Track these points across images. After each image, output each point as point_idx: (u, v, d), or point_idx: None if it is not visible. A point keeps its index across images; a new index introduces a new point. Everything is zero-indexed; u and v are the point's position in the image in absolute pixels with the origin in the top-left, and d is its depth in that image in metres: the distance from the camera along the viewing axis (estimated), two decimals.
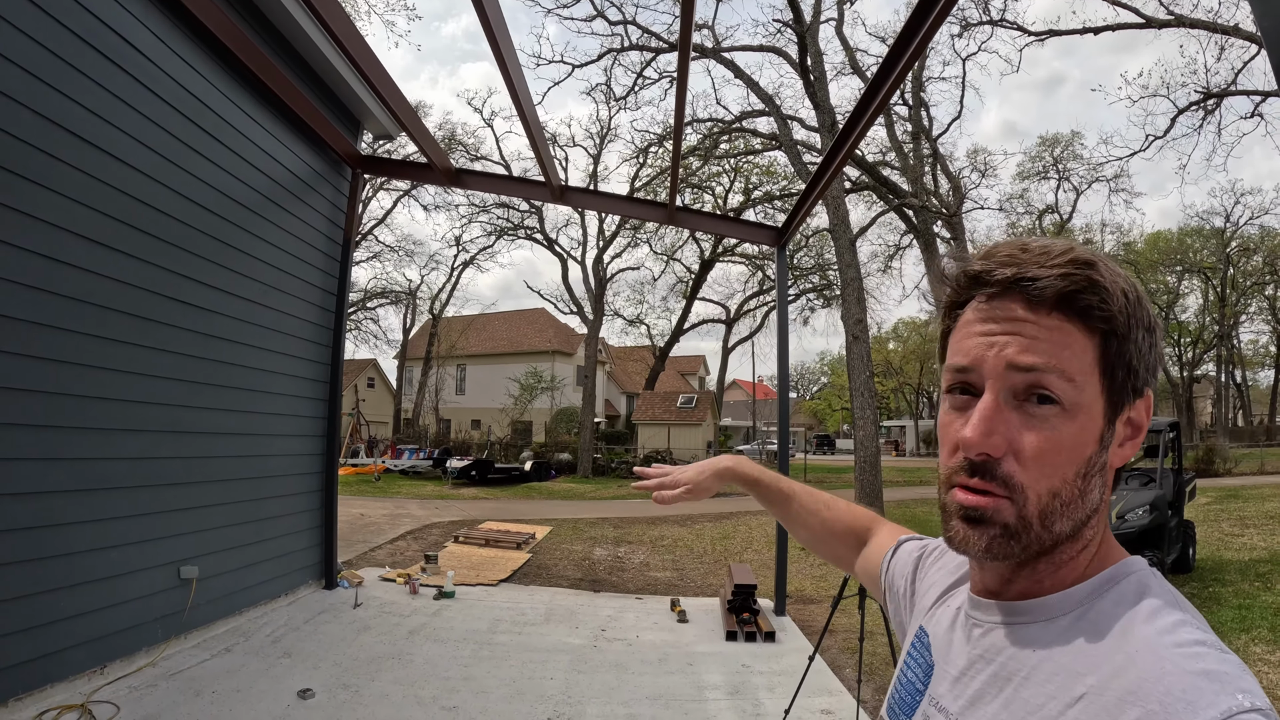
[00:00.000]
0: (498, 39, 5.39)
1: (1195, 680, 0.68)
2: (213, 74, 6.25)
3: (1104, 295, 0.80)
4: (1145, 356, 0.84)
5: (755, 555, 13.16)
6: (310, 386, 8.22)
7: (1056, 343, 0.81)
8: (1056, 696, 0.76)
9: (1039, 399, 0.81)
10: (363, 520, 15.33)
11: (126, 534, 5.42)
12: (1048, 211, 36.47)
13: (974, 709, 0.85)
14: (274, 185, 7.30)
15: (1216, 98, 20.65)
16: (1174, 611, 0.78)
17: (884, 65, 5.39)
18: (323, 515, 8.42)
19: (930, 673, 0.97)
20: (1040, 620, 0.85)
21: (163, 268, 5.75)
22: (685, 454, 36.79)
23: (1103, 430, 0.83)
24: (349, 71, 7.96)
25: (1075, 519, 0.83)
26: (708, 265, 40.05)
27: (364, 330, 42.79)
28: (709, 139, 23.38)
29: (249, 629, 6.65)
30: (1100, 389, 0.82)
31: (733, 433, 62.31)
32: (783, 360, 8.90)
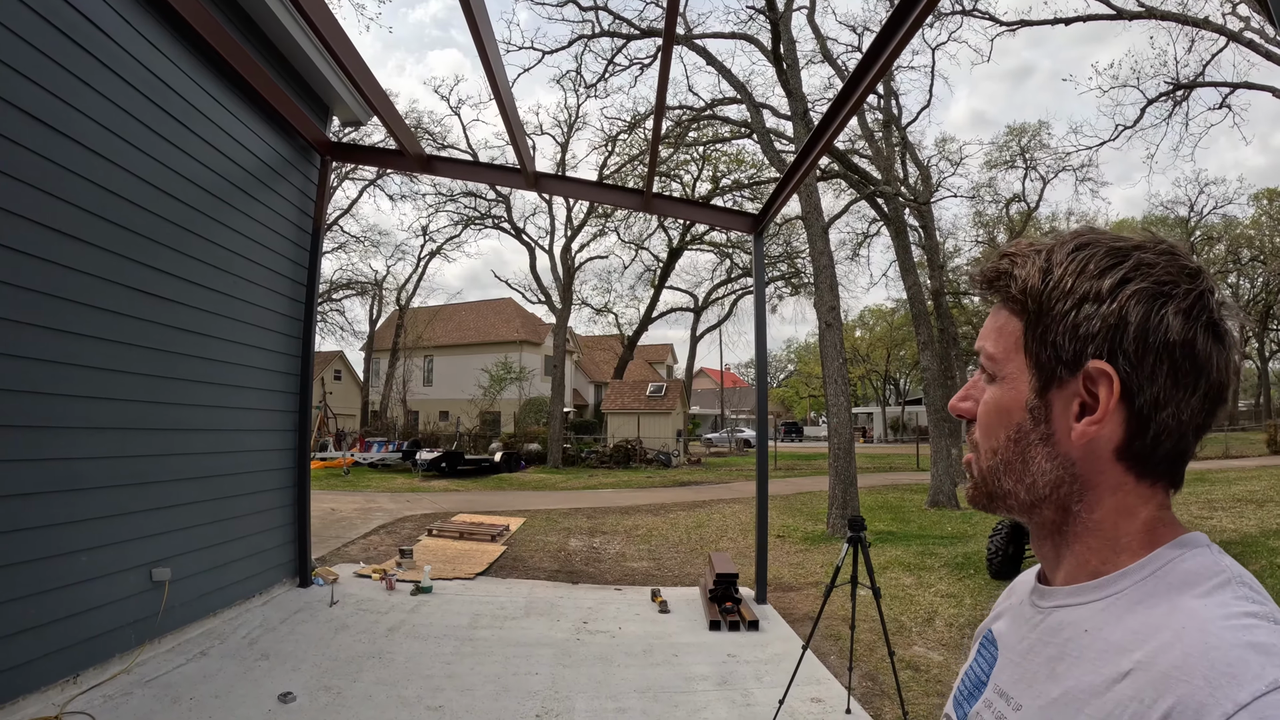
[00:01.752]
0: (476, 19, 5.25)
1: (1242, 653, 0.67)
2: (179, 57, 6.02)
3: (1010, 280, 0.90)
4: (1080, 327, 0.83)
5: (730, 544, 13.18)
6: (280, 379, 8.02)
7: (995, 328, 0.93)
8: (1105, 673, 0.76)
9: (987, 375, 0.94)
10: (334, 515, 15.12)
11: (97, 536, 5.21)
12: (1015, 200, 36.79)
13: (1031, 689, 0.87)
14: (242, 173, 7.08)
15: (1185, 89, 20.88)
16: (1229, 586, 0.77)
17: (863, 61, 5.46)
18: (295, 511, 8.23)
19: (994, 663, 0.99)
20: (1092, 600, 0.85)
21: (129, 258, 5.54)
22: (655, 443, 36.77)
23: (1029, 400, 0.88)
24: (318, 55, 7.74)
25: (1023, 482, 0.89)
26: (676, 254, 40.07)
27: (330, 322, 42.47)
28: (679, 126, 23.27)
29: (224, 631, 6.47)
30: (1025, 364, 0.89)
31: (701, 421, 62.47)
32: (760, 345, 8.88)
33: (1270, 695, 0.63)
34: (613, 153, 28.68)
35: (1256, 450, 31.96)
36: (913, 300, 20.87)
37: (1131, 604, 0.80)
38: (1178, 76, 20.82)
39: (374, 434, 37.09)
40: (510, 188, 28.68)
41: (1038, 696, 0.85)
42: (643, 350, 57.22)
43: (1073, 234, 0.89)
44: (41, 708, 4.59)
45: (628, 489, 24.03)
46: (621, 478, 28.01)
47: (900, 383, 69.93)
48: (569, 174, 32.13)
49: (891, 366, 62.17)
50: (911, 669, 6.37)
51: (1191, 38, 19.17)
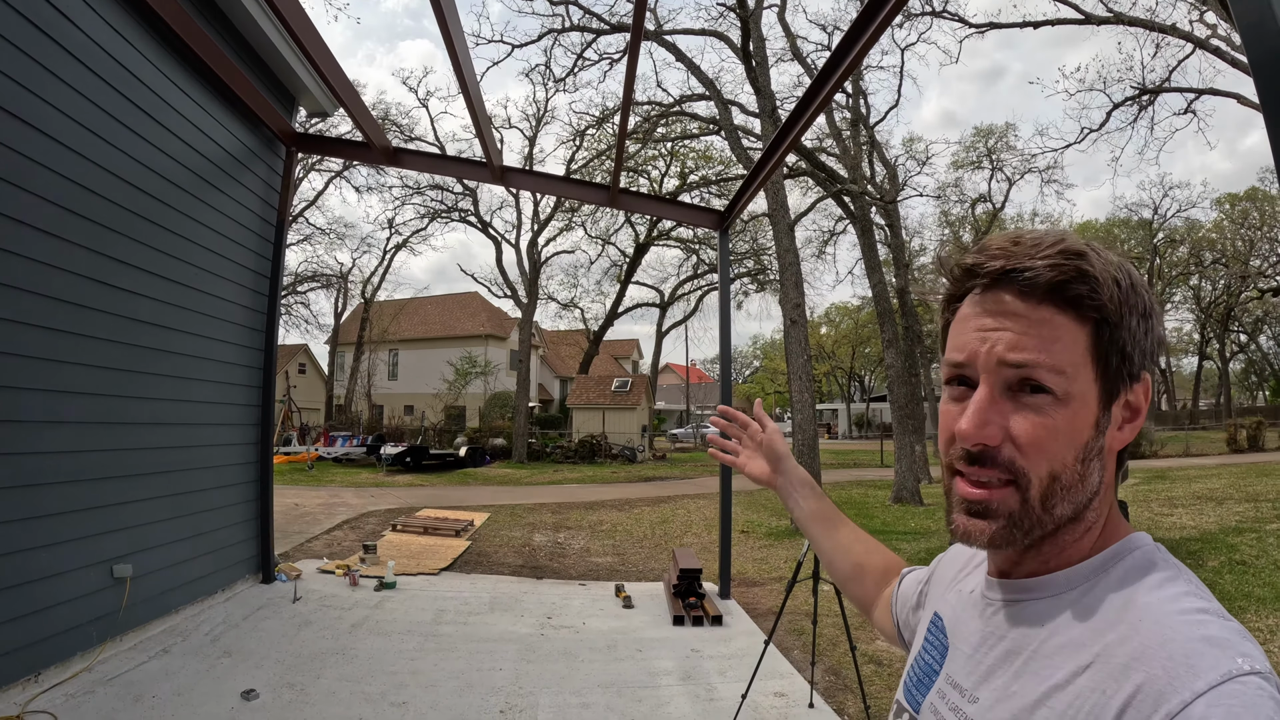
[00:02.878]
0: (444, 12, 5.23)
1: (1197, 645, 0.71)
2: (145, 45, 5.92)
3: (1094, 285, 0.82)
4: (1141, 342, 0.86)
5: (695, 539, 13.22)
6: (243, 373, 7.94)
7: (1046, 336, 0.83)
8: (1064, 666, 0.79)
9: (1031, 389, 0.84)
10: (297, 510, 14.99)
11: (56, 532, 5.13)
12: (980, 200, 37.16)
13: (987, 682, 0.88)
14: (206, 163, 6.98)
15: (1151, 94, 21.16)
16: (1177, 582, 0.81)
17: (832, 58, 5.48)
18: (258, 506, 8.15)
19: (945, 653, 1.00)
20: (1048, 596, 0.87)
21: (94, 250, 5.44)
22: (620, 438, 36.76)
23: (1098, 416, 0.85)
24: (284, 44, 7.65)
25: (1075, 502, 0.86)
26: (643, 249, 40.09)
27: (295, 315, 41.92)
28: (648, 122, 23.28)
29: (186, 628, 6.40)
30: (1094, 376, 0.84)
31: (666, 416, 62.55)
32: (725, 341, 8.92)
33: (1224, 685, 0.67)
34: (580, 147, 28.71)
35: (1216, 449, 32.57)
36: (878, 298, 21.04)
37: (1088, 599, 0.83)
38: (1144, 81, 21.10)
39: (338, 428, 36.77)
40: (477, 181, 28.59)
41: (995, 690, 0.86)
42: (608, 345, 57.15)
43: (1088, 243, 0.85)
44: (3, 708, 4.52)
45: (593, 484, 24.04)
46: (586, 473, 28.02)
47: (865, 380, 70.44)
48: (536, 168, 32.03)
49: (856, 363, 62.74)
50: (874, 663, 6.44)
51: (1158, 43, 19.45)
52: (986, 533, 0.87)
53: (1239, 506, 14.59)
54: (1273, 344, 59.49)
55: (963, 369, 0.88)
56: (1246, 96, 19.90)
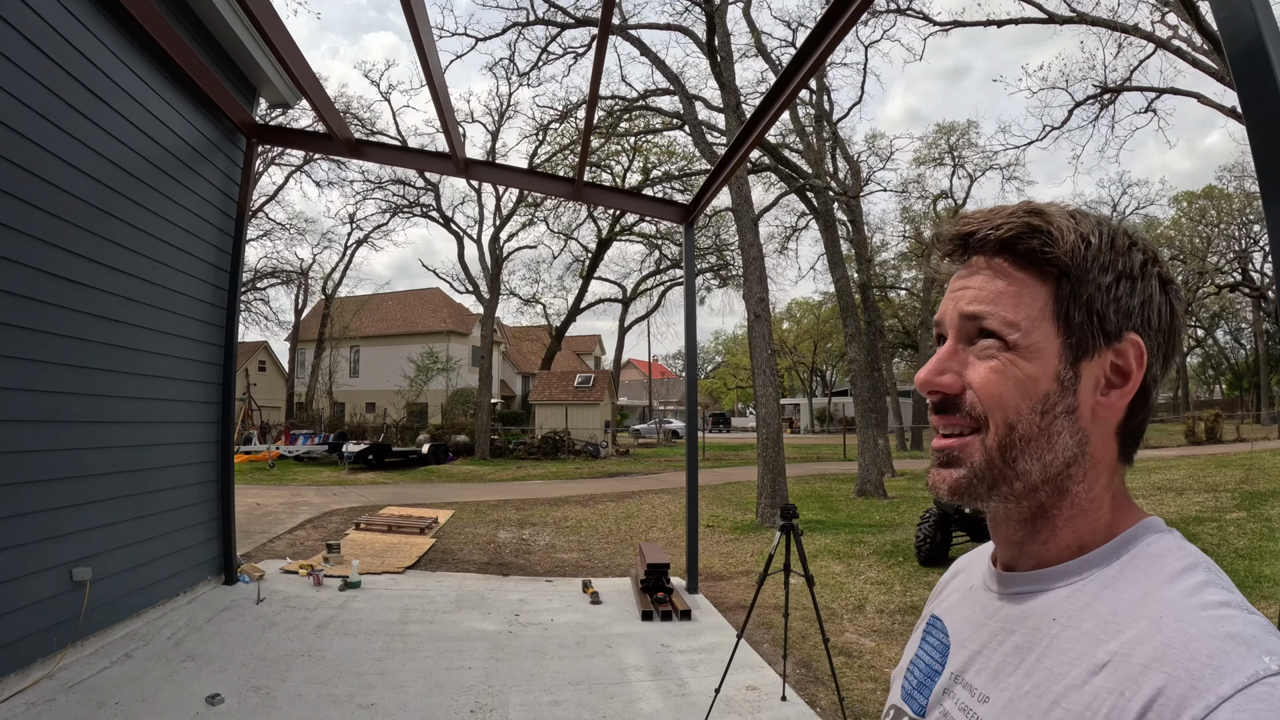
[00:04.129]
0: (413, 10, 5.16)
1: (1221, 644, 0.67)
2: (101, 30, 5.74)
3: (1046, 239, 0.83)
4: (1122, 301, 0.84)
5: (661, 534, 13.26)
6: (203, 369, 7.79)
7: (1002, 290, 0.85)
8: (1079, 664, 0.75)
9: (984, 335, 0.85)
10: (259, 510, 14.80)
11: (11, 535, 4.96)
12: (942, 197, 37.60)
13: (998, 680, 0.84)
14: (164, 154, 6.81)
15: (1113, 92, 21.50)
16: (1196, 572, 0.77)
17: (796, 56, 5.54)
18: (220, 506, 8.00)
19: (947, 652, 0.96)
20: (1059, 587, 0.84)
21: (46, 241, 5.27)
22: (583, 434, 36.76)
23: (1059, 370, 0.83)
24: (246, 33, 7.49)
25: (1043, 460, 0.84)
26: (605, 244, 40.08)
27: (254, 311, 41.33)
28: (611, 116, 23.23)
29: (148, 632, 6.26)
30: (1055, 331, 0.84)
31: (629, 412, 62.59)
32: (690, 334, 8.97)
33: (1252, 688, 0.63)
34: (544, 142, 28.62)
35: (1175, 441, 33.27)
36: (840, 293, 21.19)
37: (1101, 590, 0.80)
38: (1105, 80, 21.46)
39: (299, 426, 36.35)
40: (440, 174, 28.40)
41: (1007, 689, 0.82)
42: (570, 341, 57.09)
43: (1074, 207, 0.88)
44: None
45: (556, 480, 24.04)
46: (550, 469, 28.02)
47: (827, 374, 70.93)
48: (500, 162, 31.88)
49: (818, 359, 63.15)
50: (844, 655, 6.47)
51: (1120, 43, 19.81)
52: (949, 480, 0.87)
53: (1199, 497, 14.90)
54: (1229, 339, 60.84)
55: (940, 328, 0.91)
56: (1207, 96, 20.35)
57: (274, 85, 8.48)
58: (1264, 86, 2.15)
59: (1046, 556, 0.87)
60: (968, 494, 0.86)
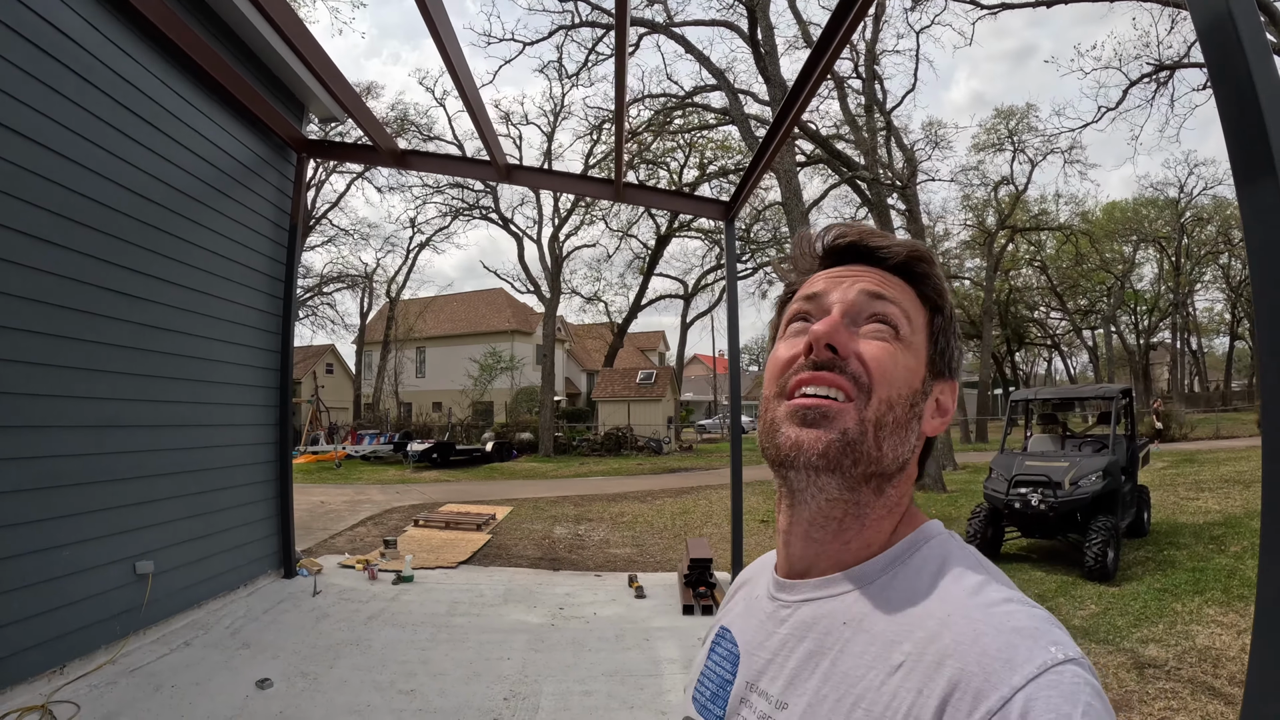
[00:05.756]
0: (435, 23, 5.37)
1: (1009, 638, 0.71)
2: (148, 59, 6.11)
3: (935, 273, 0.95)
4: (954, 349, 0.96)
5: (715, 529, 13.25)
6: (260, 375, 8.15)
7: (901, 291, 0.93)
8: (875, 666, 0.78)
9: (877, 320, 0.90)
10: (323, 508, 15.23)
11: (79, 531, 5.36)
12: (1003, 183, 36.93)
13: (795, 687, 0.85)
14: (217, 172, 7.19)
15: (1169, 70, 20.91)
16: (978, 572, 0.82)
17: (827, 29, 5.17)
18: (278, 504, 8.37)
19: (737, 661, 0.96)
20: (848, 591, 0.87)
21: (105, 260, 5.66)
22: (646, 430, 36.86)
23: (924, 377, 0.92)
24: (290, 54, 7.83)
25: (897, 451, 0.88)
26: (664, 240, 40.06)
27: (321, 315, 42.32)
28: (661, 114, 23.32)
29: (208, 621, 6.63)
30: (926, 344, 0.93)
31: (694, 408, 62.52)
32: (733, 334, 8.99)
33: (1042, 676, 0.68)
34: (598, 141, 28.76)
35: (1247, 430, 32.06)
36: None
37: (886, 593, 0.84)
38: (1160, 58, 20.87)
39: (366, 426, 37.05)
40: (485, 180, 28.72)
41: (805, 694, 0.83)
42: (633, 338, 57.25)
43: None
44: (29, 698, 4.74)
45: (617, 476, 24.13)
46: (612, 465, 28.11)
47: None
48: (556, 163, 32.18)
49: None
50: None
51: (1173, 18, 19.21)
52: (821, 441, 0.85)
53: None
54: None
55: (814, 301, 0.94)
56: None
57: (321, 101, 8.81)
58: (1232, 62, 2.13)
59: (845, 558, 0.89)
60: (837, 464, 0.85)
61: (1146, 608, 7.51)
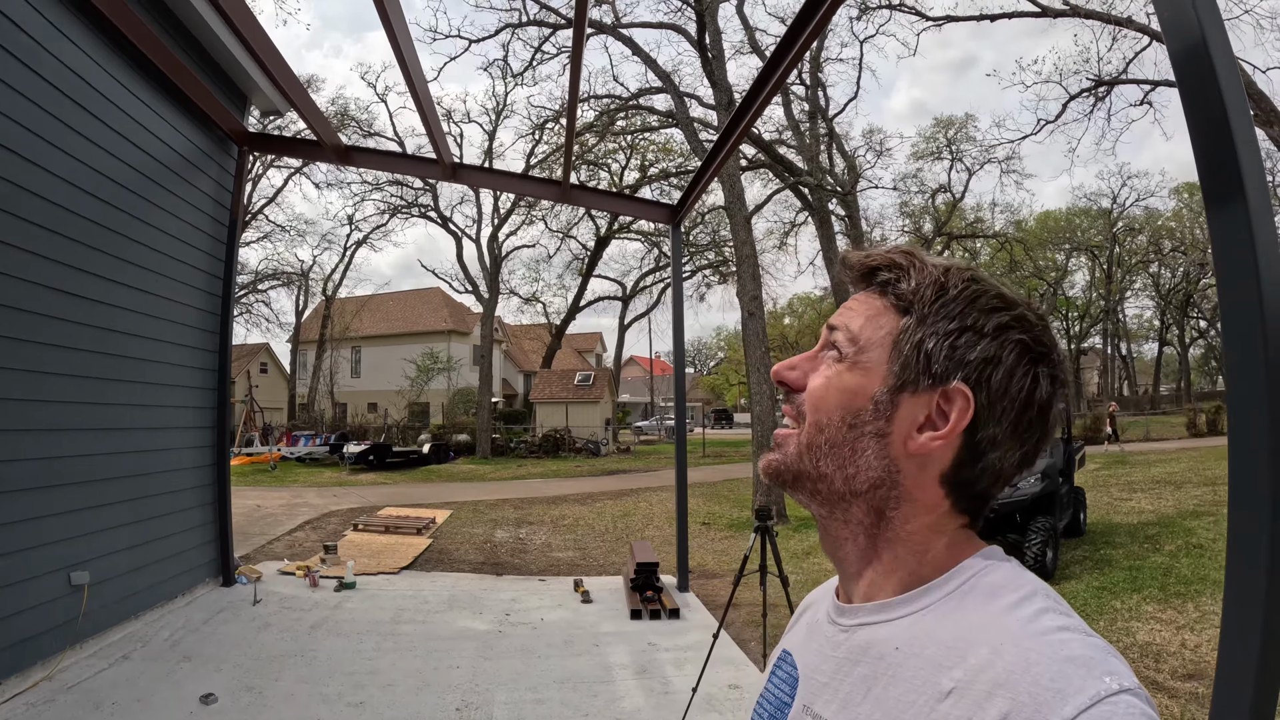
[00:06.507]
0: (389, 16, 5.27)
1: (1062, 667, 0.69)
2: (93, 47, 5.86)
3: (900, 274, 0.90)
4: (957, 351, 0.85)
5: (656, 531, 13.30)
6: (198, 375, 7.91)
7: (860, 311, 0.92)
8: (925, 691, 0.77)
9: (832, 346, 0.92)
10: (259, 512, 14.90)
11: (13, 541, 5.10)
12: (940, 191, 37.59)
13: (847, 710, 0.85)
14: (157, 165, 6.94)
15: (1107, 85, 21.48)
16: (1035, 599, 0.79)
17: (781, 45, 5.38)
18: (216, 509, 8.13)
19: (796, 685, 0.96)
20: (901, 617, 0.85)
21: (40, 255, 5.39)
22: (584, 432, 36.80)
23: (876, 393, 0.87)
24: (235, 44, 7.60)
25: (844, 471, 0.88)
26: (604, 242, 40.02)
27: (255, 314, 41.44)
28: (605, 115, 23.29)
29: (146, 634, 6.40)
30: (887, 357, 0.88)
31: (631, 409, 62.59)
32: (678, 336, 8.99)
33: (1095, 707, 0.65)
34: (540, 141, 28.63)
35: (1176, 433, 33.23)
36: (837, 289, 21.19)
37: (940, 619, 0.82)
38: (1100, 73, 21.42)
39: (301, 428, 36.43)
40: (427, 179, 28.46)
41: (857, 718, 0.83)
42: (571, 339, 57.11)
43: (969, 267, 0.91)
44: None
45: (556, 479, 24.10)
46: (550, 467, 28.06)
47: None
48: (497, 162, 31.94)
49: None
50: None
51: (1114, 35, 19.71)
52: (765, 461, 0.95)
53: (1197, 490, 14.93)
54: None
55: None
56: None
57: (265, 94, 8.59)
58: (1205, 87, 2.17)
59: (886, 585, 0.89)
60: (778, 478, 0.94)
61: (1086, 606, 7.71)
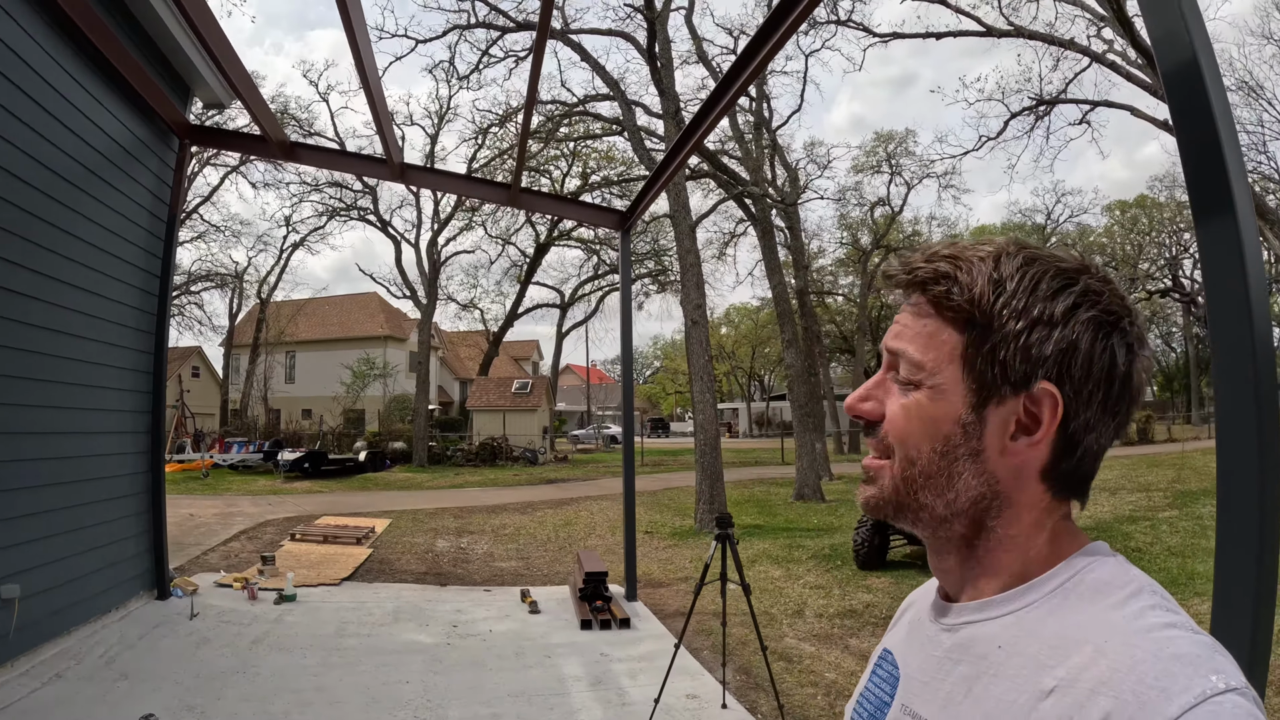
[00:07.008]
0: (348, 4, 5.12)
1: (1168, 665, 0.67)
2: (29, 24, 5.53)
3: (953, 286, 0.84)
4: (1031, 349, 0.81)
5: (599, 541, 13.27)
6: (132, 378, 7.59)
7: (919, 330, 0.87)
8: (1026, 690, 0.75)
9: (897, 374, 0.88)
10: (193, 521, 14.49)
11: None
12: (880, 204, 38.21)
13: (947, 710, 0.84)
14: (94, 154, 6.60)
15: (1048, 104, 22.08)
16: (1141, 596, 0.77)
17: (736, 64, 5.54)
18: (151, 518, 7.80)
19: (897, 684, 0.96)
20: (1003, 615, 0.84)
21: None
22: (522, 440, 36.55)
23: (962, 415, 0.84)
24: (180, 31, 7.29)
25: (944, 497, 0.85)
26: (543, 249, 39.97)
27: (188, 316, 40.38)
28: (551, 121, 23.19)
29: (80, 650, 6.07)
30: (961, 375, 0.84)
31: (567, 418, 62.43)
32: (626, 343, 9.00)
33: (1200, 706, 0.64)
34: (483, 145, 28.45)
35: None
36: (778, 299, 21.40)
37: (1044, 616, 0.80)
38: (1041, 92, 22.00)
39: (234, 434, 35.61)
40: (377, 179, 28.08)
41: (956, 717, 0.82)
42: (508, 347, 56.75)
43: (1012, 244, 0.86)
44: None
45: (494, 487, 23.97)
46: (488, 476, 27.86)
47: (765, 379, 71.48)
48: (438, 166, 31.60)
49: (756, 364, 63.60)
50: (784, 660, 6.54)
51: (1057, 57, 20.33)
52: (863, 495, 0.92)
53: (1132, 496, 15.34)
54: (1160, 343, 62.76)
55: None
56: (1140, 109, 21.00)
57: (209, 85, 8.28)
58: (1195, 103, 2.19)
59: (986, 587, 0.87)
60: (878, 512, 0.91)
61: None
